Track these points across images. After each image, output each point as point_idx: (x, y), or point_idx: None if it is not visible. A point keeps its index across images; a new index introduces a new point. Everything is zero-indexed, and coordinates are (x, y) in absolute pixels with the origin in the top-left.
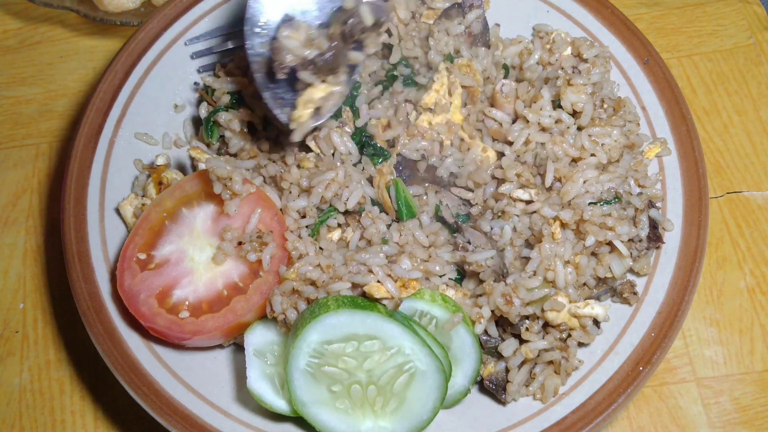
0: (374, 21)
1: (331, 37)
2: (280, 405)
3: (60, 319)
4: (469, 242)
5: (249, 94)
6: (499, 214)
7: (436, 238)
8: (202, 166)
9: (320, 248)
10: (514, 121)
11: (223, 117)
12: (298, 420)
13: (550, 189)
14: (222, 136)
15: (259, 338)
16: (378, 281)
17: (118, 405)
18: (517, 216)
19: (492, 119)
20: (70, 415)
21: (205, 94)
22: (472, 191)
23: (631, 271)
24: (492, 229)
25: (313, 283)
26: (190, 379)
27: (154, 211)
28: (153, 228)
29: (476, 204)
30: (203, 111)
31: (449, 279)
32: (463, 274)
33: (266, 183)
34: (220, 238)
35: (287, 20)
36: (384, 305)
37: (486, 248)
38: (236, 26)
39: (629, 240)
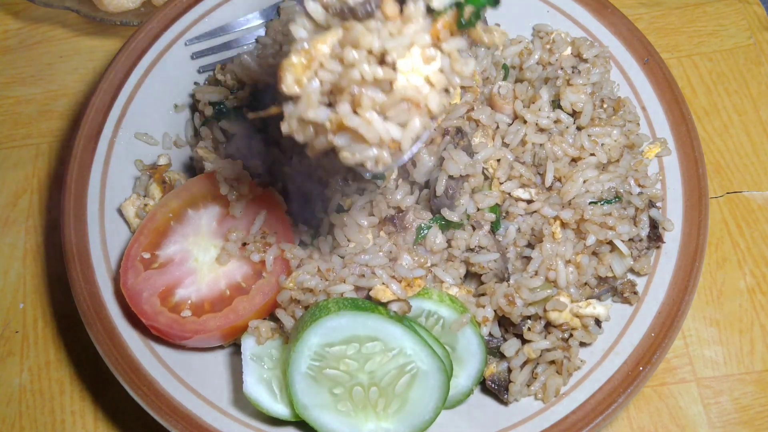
0: None
1: None
2: (278, 409)
3: (60, 319)
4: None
5: (231, 106)
6: (504, 214)
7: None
8: (207, 165)
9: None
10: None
11: (204, 131)
12: (297, 422)
13: (550, 189)
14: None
15: (256, 342)
16: (383, 283)
17: (118, 405)
18: (521, 216)
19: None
20: (70, 415)
21: (198, 103)
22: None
23: (631, 270)
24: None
25: (311, 291)
26: (190, 379)
27: (160, 211)
28: (158, 228)
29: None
30: (197, 120)
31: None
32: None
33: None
34: (224, 239)
35: None
36: (394, 310)
37: (492, 250)
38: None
39: (630, 239)
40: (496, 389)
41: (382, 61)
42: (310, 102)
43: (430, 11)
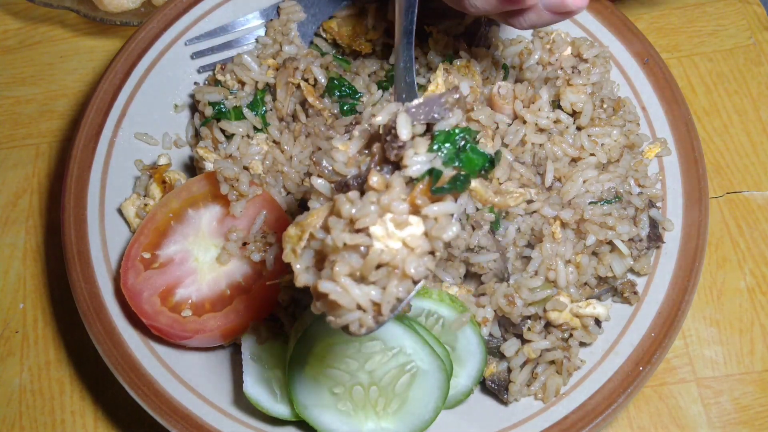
0: (414, 133)
1: (372, 156)
2: (278, 409)
3: (60, 319)
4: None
5: (231, 106)
6: (504, 214)
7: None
8: (207, 165)
9: None
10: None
11: (204, 131)
12: (297, 421)
13: (550, 189)
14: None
15: (256, 342)
16: None
17: (118, 405)
18: (521, 216)
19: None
20: (70, 415)
21: (198, 103)
22: None
23: (631, 270)
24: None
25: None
26: (190, 379)
27: (160, 211)
28: (158, 228)
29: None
30: (197, 120)
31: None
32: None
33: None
34: (225, 238)
35: (352, 126)
36: None
37: (492, 250)
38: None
39: (630, 239)
40: (496, 389)
41: (359, 230)
42: (297, 271)
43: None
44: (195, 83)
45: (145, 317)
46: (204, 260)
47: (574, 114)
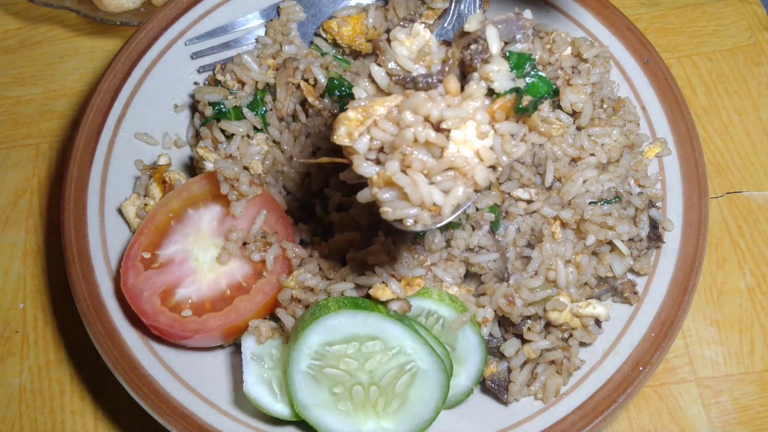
0: (502, 46)
1: (445, 60)
2: (278, 409)
3: (60, 319)
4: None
5: (231, 106)
6: (504, 214)
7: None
8: (207, 165)
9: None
10: None
11: (203, 131)
12: (297, 421)
13: (550, 189)
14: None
15: (256, 342)
16: (383, 282)
17: (118, 405)
18: (521, 216)
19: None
20: (70, 415)
21: (198, 103)
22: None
23: (631, 270)
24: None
25: (312, 290)
26: (190, 379)
27: (160, 211)
28: (158, 228)
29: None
30: (197, 121)
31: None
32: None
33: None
34: (225, 238)
35: (408, 21)
36: (394, 309)
37: (491, 250)
38: (236, 27)
39: (630, 239)
40: (496, 389)
41: (437, 129)
42: (357, 158)
43: (492, 93)
44: (195, 83)
45: (145, 317)
46: (204, 260)
47: (574, 114)
